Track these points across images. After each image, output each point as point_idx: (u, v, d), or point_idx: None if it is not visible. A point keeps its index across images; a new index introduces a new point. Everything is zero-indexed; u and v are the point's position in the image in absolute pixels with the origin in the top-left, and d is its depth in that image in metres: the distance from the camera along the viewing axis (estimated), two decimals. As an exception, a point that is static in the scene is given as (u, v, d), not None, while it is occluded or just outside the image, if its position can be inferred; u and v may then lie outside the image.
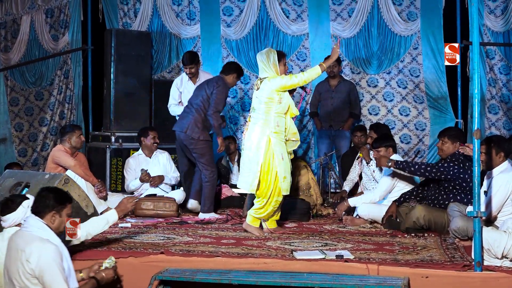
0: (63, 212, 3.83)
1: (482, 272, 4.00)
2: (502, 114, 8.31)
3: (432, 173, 5.45)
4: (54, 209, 3.78)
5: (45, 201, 3.76)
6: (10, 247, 3.73)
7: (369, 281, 3.87)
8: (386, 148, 6.09)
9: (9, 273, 3.70)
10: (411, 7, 8.49)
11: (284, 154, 5.35)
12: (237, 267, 4.27)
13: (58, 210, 3.80)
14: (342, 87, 8.05)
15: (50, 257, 3.60)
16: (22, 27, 8.90)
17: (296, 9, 8.79)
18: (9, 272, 3.70)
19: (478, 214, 3.97)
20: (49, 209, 3.76)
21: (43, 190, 3.87)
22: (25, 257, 3.60)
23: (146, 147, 7.05)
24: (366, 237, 5.30)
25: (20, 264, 3.62)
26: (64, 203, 3.84)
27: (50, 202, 3.76)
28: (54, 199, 3.78)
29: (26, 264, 3.59)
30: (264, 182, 5.34)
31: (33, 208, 3.79)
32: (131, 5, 9.09)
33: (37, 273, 3.59)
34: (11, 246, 3.73)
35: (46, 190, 3.88)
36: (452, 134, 5.57)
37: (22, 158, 8.86)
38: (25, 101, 8.95)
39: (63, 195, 3.90)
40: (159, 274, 4.07)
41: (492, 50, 8.31)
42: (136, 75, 8.30)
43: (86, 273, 4.01)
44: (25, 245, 3.63)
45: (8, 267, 3.72)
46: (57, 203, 3.79)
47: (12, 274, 3.67)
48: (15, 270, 3.64)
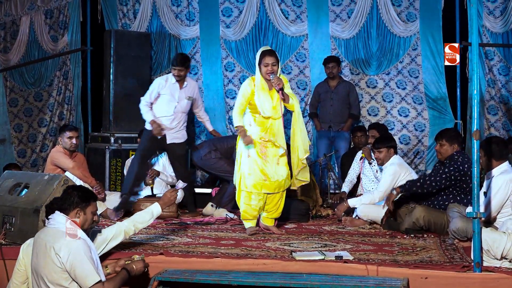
0: (87, 210, 3.92)
1: (482, 273, 4.00)
2: (501, 115, 8.31)
3: (437, 185, 5.42)
4: (79, 206, 3.88)
5: (70, 198, 3.87)
6: (38, 245, 3.80)
7: (368, 282, 3.86)
8: (388, 148, 6.11)
9: (37, 270, 3.76)
10: (410, 8, 8.49)
11: (251, 151, 5.42)
12: (236, 268, 4.27)
13: (83, 208, 3.90)
14: (341, 88, 8.05)
15: (80, 250, 3.69)
16: (22, 28, 8.90)
17: (295, 10, 8.79)
18: (38, 270, 3.75)
19: (478, 215, 3.97)
20: (74, 206, 3.87)
21: (69, 188, 3.98)
22: (55, 252, 3.68)
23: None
24: (365, 238, 5.31)
25: (50, 260, 3.69)
26: (89, 201, 3.94)
27: (75, 200, 3.87)
28: (79, 196, 3.89)
29: (56, 259, 3.67)
30: (237, 178, 5.54)
31: (59, 205, 3.87)
32: (130, 6, 9.09)
33: (68, 267, 3.67)
34: (38, 243, 3.80)
35: (72, 188, 4.01)
36: (449, 136, 5.56)
37: (21, 159, 8.86)
38: (24, 102, 8.94)
39: (88, 193, 4.00)
40: (159, 275, 4.06)
41: (491, 51, 8.32)
42: (136, 76, 8.30)
43: (112, 267, 4.14)
44: (54, 241, 3.71)
45: (36, 265, 3.78)
46: (81, 200, 3.89)
47: (41, 271, 3.73)
48: (45, 266, 3.71)
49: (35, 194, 4.80)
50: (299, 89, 8.78)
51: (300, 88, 8.78)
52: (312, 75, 8.71)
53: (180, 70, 6.63)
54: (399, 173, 5.99)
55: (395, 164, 6.05)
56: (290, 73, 8.78)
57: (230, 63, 8.93)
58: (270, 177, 5.41)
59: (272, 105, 5.41)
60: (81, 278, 3.67)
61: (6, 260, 4.47)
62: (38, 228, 4.56)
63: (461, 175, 5.37)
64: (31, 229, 4.62)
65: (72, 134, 6.50)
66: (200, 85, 9.02)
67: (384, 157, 6.12)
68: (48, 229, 3.83)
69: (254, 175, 5.41)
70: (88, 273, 3.67)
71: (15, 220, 4.75)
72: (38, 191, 4.80)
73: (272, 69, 5.36)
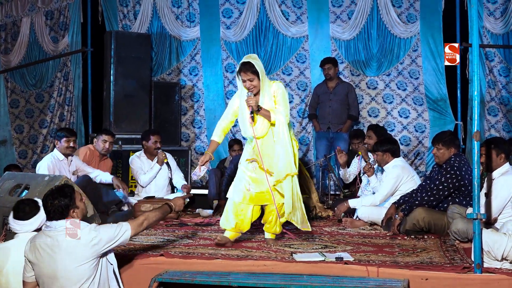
0: (77, 203, 3.92)
1: (482, 274, 3.99)
2: (501, 116, 8.31)
3: (436, 198, 5.41)
4: (70, 207, 3.87)
5: (58, 208, 3.83)
6: (47, 252, 3.78)
7: (369, 283, 3.86)
8: (383, 153, 6.09)
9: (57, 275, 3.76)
10: (410, 9, 8.50)
11: (243, 163, 5.04)
12: (236, 269, 4.26)
13: (73, 205, 3.88)
14: (340, 89, 8.06)
15: (101, 227, 3.90)
16: (22, 29, 8.91)
17: (296, 11, 8.79)
18: (59, 274, 3.76)
19: (478, 216, 3.97)
20: (66, 210, 3.85)
21: (47, 200, 3.87)
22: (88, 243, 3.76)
23: (148, 151, 7.05)
24: (366, 239, 5.30)
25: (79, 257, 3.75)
26: (72, 195, 3.90)
27: (62, 204, 3.84)
28: (63, 200, 3.85)
29: (92, 249, 3.78)
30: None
31: (52, 217, 3.84)
32: (130, 7, 9.10)
33: (103, 246, 3.83)
34: (48, 251, 3.77)
35: (50, 198, 3.88)
36: (446, 140, 5.54)
37: (22, 160, 8.87)
38: (25, 103, 8.96)
39: (64, 190, 3.93)
40: (159, 276, 4.06)
41: (492, 52, 8.32)
42: (136, 77, 8.30)
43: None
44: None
45: (54, 271, 3.76)
46: (68, 200, 3.87)
47: (64, 273, 3.75)
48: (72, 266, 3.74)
49: (36, 195, 4.79)
50: (299, 90, 8.78)
51: (300, 89, 8.78)
52: (313, 76, 8.71)
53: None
54: (401, 176, 5.98)
55: (398, 167, 6.03)
56: (291, 74, 8.79)
57: (231, 64, 8.94)
58: (253, 190, 4.97)
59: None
60: (116, 238, 3.87)
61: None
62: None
63: (459, 180, 5.36)
64: (31, 230, 4.62)
65: (108, 138, 6.79)
66: (201, 87, 9.03)
67: (380, 160, 6.12)
68: (52, 233, 3.81)
69: (238, 183, 5.03)
70: (117, 229, 3.90)
71: (16, 221, 4.74)
72: (39, 192, 4.79)
73: (250, 85, 4.83)
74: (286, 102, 4.90)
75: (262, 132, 4.92)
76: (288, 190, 4.86)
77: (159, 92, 8.53)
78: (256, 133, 4.90)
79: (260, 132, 4.92)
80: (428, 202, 5.42)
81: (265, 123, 4.90)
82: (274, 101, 4.88)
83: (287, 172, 4.84)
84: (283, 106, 4.86)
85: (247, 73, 4.81)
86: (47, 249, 3.79)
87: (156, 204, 6.51)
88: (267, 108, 4.86)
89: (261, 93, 4.88)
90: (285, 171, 4.84)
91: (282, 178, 4.85)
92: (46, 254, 3.79)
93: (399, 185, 5.97)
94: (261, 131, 4.92)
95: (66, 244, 3.76)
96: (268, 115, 4.84)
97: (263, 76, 4.83)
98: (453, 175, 5.36)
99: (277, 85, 4.93)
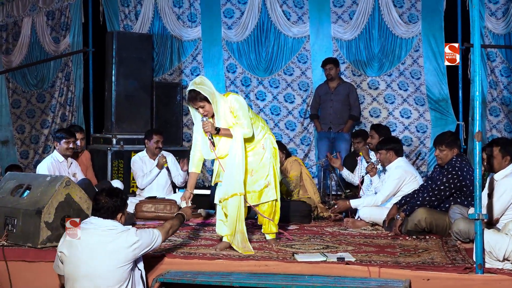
0: (126, 209, 4.03)
1: (484, 275, 3.99)
2: (503, 116, 8.31)
3: (437, 199, 5.41)
4: (120, 210, 3.96)
5: (111, 207, 3.90)
6: (86, 251, 3.80)
7: (370, 284, 3.86)
8: (387, 151, 6.09)
9: (95, 274, 3.78)
10: (412, 9, 8.50)
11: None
12: (238, 270, 4.26)
13: (123, 209, 3.98)
14: (341, 89, 8.06)
15: (141, 231, 3.97)
16: (23, 29, 8.92)
17: (297, 11, 8.79)
18: (98, 273, 3.77)
19: (480, 216, 3.97)
20: (117, 212, 3.94)
21: (102, 196, 3.93)
22: (129, 246, 3.82)
23: (149, 150, 7.05)
24: (367, 240, 5.30)
25: (121, 259, 3.79)
26: (125, 201, 4.01)
27: (117, 205, 3.93)
28: (118, 201, 3.93)
29: (133, 253, 3.84)
30: None
31: (101, 214, 3.90)
32: (132, 8, 9.10)
33: (141, 249, 3.90)
34: (86, 250, 3.80)
35: (106, 195, 3.94)
36: (448, 141, 5.52)
37: (24, 160, 8.88)
38: (26, 103, 8.96)
39: (120, 193, 4.01)
40: (160, 277, 4.06)
41: (493, 52, 8.31)
42: (137, 78, 8.30)
43: None
44: (113, 238, 3.82)
45: (93, 270, 3.78)
46: (122, 203, 3.96)
47: (103, 273, 3.77)
48: (112, 267, 3.78)
49: (37, 195, 4.80)
50: (301, 90, 8.79)
51: (302, 90, 8.78)
52: (314, 76, 8.71)
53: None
54: (404, 177, 5.96)
55: (401, 168, 6.02)
56: (292, 75, 8.79)
57: (232, 64, 8.94)
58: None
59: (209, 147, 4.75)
60: (152, 243, 3.99)
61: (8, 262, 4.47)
62: (40, 230, 4.58)
63: (460, 180, 5.35)
64: (33, 231, 4.63)
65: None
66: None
67: (383, 159, 6.11)
68: (94, 231, 3.84)
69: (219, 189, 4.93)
70: (153, 234, 4.01)
71: (17, 221, 4.75)
72: (40, 193, 4.80)
73: (204, 111, 4.66)
74: (245, 112, 4.71)
75: (226, 151, 4.75)
76: (232, 210, 4.69)
77: (161, 93, 8.53)
78: (218, 154, 4.75)
79: (223, 152, 4.76)
80: (429, 202, 5.42)
81: (228, 142, 4.74)
82: (233, 115, 4.73)
83: (235, 191, 4.67)
84: (243, 117, 4.68)
85: (195, 102, 4.63)
86: (86, 248, 3.80)
87: (157, 204, 6.53)
88: (226, 126, 4.71)
89: (216, 114, 4.69)
90: (232, 190, 4.67)
91: (228, 196, 4.69)
92: (84, 253, 3.80)
93: (401, 186, 5.96)
94: (224, 150, 4.75)
95: (109, 245, 3.79)
96: (229, 133, 4.69)
97: (213, 98, 4.61)
98: (454, 175, 5.36)
99: (232, 98, 4.72)
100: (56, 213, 4.67)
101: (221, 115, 4.71)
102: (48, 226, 4.63)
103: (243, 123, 4.71)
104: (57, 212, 4.68)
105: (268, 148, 4.93)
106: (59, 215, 4.67)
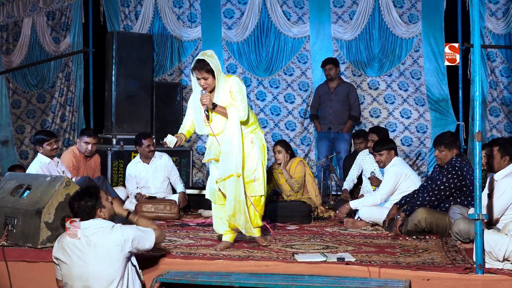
0: (103, 202, 3.96)
1: (484, 275, 3.99)
2: (503, 116, 8.30)
3: (437, 198, 5.41)
4: (97, 207, 3.91)
5: (85, 208, 3.88)
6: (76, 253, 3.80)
7: (370, 284, 3.86)
8: (388, 151, 6.10)
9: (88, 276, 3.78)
10: (412, 9, 8.50)
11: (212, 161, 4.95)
12: (238, 270, 4.26)
13: (99, 205, 3.93)
14: (341, 89, 8.06)
15: (127, 226, 3.92)
16: (24, 29, 8.91)
17: (297, 11, 8.79)
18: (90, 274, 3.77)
19: (480, 216, 3.97)
20: (93, 210, 3.90)
21: (74, 202, 3.93)
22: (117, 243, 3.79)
23: (142, 155, 7.03)
24: (367, 240, 5.30)
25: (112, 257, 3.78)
26: (97, 195, 3.95)
27: (89, 205, 3.89)
28: (89, 200, 3.90)
29: (123, 248, 3.81)
30: None
31: (82, 216, 3.88)
32: (132, 8, 9.11)
33: (130, 245, 3.85)
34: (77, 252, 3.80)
35: (76, 200, 3.93)
36: (448, 141, 5.52)
37: (24, 160, 8.87)
38: (27, 103, 8.96)
39: (90, 191, 3.98)
40: (160, 277, 4.07)
41: (493, 52, 8.31)
42: (138, 78, 8.30)
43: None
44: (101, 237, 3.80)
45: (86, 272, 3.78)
46: (94, 201, 3.91)
47: (95, 274, 3.77)
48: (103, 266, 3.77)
49: (37, 195, 4.80)
50: (301, 90, 8.78)
51: (302, 90, 8.78)
52: (314, 76, 8.71)
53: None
54: (400, 174, 5.99)
55: (397, 166, 6.05)
56: (292, 75, 8.79)
57: (232, 64, 8.94)
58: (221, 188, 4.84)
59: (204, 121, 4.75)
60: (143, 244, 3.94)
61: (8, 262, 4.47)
62: (40, 230, 4.58)
63: (460, 180, 5.35)
64: (33, 231, 4.63)
65: (90, 140, 6.76)
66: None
67: (385, 159, 6.12)
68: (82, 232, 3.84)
69: (210, 184, 4.98)
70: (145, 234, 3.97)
71: (17, 221, 4.75)
72: (40, 193, 4.80)
73: (205, 83, 4.69)
74: (244, 97, 4.74)
75: (220, 129, 4.75)
76: (230, 190, 4.70)
77: (161, 93, 8.53)
78: (214, 130, 4.75)
79: (217, 129, 4.76)
80: (429, 202, 5.42)
81: (223, 120, 4.74)
82: (231, 96, 4.74)
83: (231, 172, 4.67)
84: (240, 101, 4.70)
85: (201, 71, 4.67)
86: (76, 250, 3.80)
87: (157, 204, 6.53)
88: (223, 105, 4.71)
89: (216, 90, 4.73)
90: (229, 171, 4.67)
91: (225, 177, 4.70)
92: (75, 255, 3.81)
93: (399, 183, 5.97)
94: (218, 128, 4.75)
95: (97, 244, 3.79)
96: (224, 112, 4.70)
97: (218, 74, 4.69)
98: (454, 175, 5.36)
99: (234, 80, 4.77)
100: (56, 213, 4.67)
101: (220, 93, 4.74)
102: (48, 226, 4.63)
103: (239, 106, 4.71)
104: (57, 212, 4.68)
105: (257, 144, 4.89)
106: (59, 215, 4.67)
